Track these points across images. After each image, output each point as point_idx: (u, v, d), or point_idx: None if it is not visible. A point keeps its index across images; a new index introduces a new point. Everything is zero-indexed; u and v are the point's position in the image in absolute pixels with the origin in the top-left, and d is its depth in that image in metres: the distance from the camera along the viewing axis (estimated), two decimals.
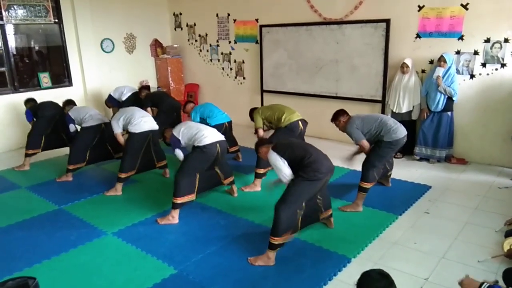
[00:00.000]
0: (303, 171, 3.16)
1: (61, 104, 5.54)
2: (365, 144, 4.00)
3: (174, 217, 3.87)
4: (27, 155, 5.41)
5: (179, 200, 3.84)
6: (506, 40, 4.83)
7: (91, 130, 4.95)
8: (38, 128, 5.40)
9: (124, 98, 6.55)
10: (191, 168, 3.91)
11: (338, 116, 4.14)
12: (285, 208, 3.09)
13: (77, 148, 4.95)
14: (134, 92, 6.62)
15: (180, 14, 8.31)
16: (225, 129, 5.08)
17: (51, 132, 5.46)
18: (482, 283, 1.94)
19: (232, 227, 3.75)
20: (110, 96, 6.76)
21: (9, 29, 6.44)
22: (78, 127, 5.14)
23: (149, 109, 5.91)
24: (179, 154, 4.09)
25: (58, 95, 6.56)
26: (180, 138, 4.01)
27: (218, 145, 3.96)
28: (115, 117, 4.71)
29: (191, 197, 3.92)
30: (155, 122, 4.71)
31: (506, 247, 3.11)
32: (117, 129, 4.65)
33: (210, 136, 3.95)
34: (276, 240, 3.08)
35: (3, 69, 6.41)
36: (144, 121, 4.57)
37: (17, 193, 4.70)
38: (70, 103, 5.46)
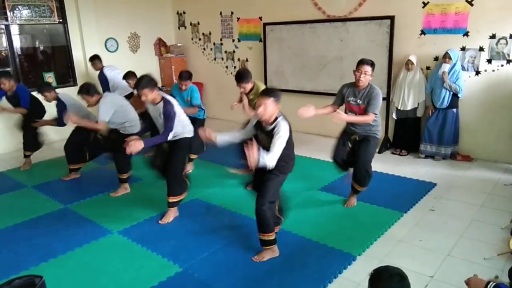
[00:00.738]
0: (283, 168, 3.06)
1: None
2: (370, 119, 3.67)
3: (176, 212, 3.95)
4: (26, 156, 5.46)
5: (176, 199, 3.89)
6: (511, 36, 4.79)
7: (86, 131, 4.69)
8: (32, 130, 5.41)
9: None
10: (183, 164, 3.94)
11: (373, 65, 3.78)
12: (269, 206, 3.05)
13: (72, 149, 4.90)
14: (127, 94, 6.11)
15: (184, 13, 8.32)
16: None
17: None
18: (488, 282, 1.93)
19: (236, 225, 3.76)
20: (104, 75, 6.27)
21: (14, 30, 6.48)
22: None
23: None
24: (170, 136, 3.61)
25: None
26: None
27: None
28: (106, 102, 4.17)
29: (185, 194, 3.98)
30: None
31: None
32: (106, 117, 4.12)
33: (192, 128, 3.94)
34: (271, 236, 3.12)
35: (8, 69, 6.45)
36: (138, 123, 4.49)
37: (23, 192, 4.74)
38: (49, 87, 4.95)
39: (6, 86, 5.15)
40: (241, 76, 4.29)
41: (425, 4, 5.27)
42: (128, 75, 5.66)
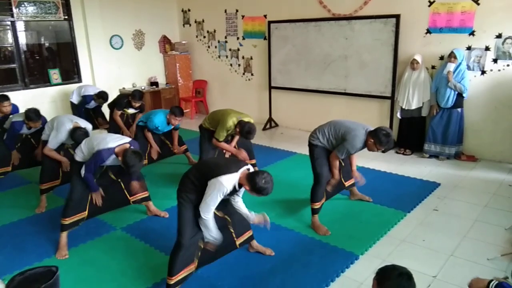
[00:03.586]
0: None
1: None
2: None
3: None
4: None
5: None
6: None
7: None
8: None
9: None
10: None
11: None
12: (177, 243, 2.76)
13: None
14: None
15: (189, 10, 8.32)
16: None
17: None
18: (491, 280, 1.92)
19: None
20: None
21: (20, 26, 6.51)
22: None
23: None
24: None
25: (68, 91, 6.64)
26: None
27: None
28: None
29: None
30: None
31: None
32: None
33: None
34: (172, 280, 2.71)
35: (14, 65, 6.49)
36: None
37: (27, 188, 4.77)
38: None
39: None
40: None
41: (431, 3, 5.24)
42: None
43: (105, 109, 6.31)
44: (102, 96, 5.89)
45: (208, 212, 2.65)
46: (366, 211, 3.93)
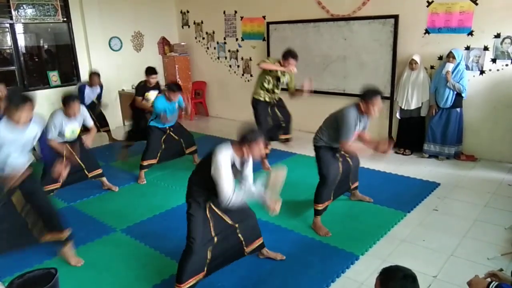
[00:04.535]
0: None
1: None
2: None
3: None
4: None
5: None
6: None
7: None
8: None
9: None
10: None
11: None
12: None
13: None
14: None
15: (188, 11, 8.32)
16: None
17: None
18: (490, 282, 1.92)
19: None
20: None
21: (19, 28, 6.51)
22: None
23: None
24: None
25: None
26: None
27: None
28: None
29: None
30: None
31: None
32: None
33: None
34: (181, 287, 2.66)
35: (13, 67, 6.49)
36: None
37: None
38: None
39: None
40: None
41: (429, 3, 5.25)
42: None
43: (107, 112, 6.34)
44: (93, 73, 5.83)
45: (229, 195, 2.53)
46: (366, 212, 3.93)
